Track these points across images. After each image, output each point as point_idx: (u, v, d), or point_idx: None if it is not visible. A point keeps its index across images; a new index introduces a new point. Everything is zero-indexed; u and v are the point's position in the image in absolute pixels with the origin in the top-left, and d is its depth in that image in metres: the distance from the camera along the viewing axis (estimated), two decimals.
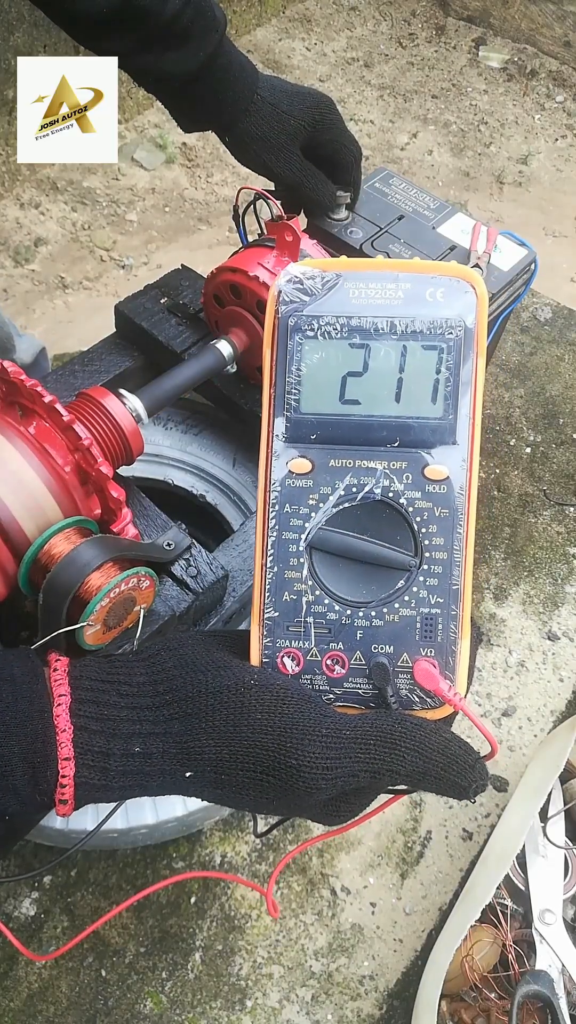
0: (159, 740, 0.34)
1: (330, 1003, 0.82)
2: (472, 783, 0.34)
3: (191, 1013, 0.80)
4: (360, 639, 0.36)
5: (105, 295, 1.52)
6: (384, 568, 0.36)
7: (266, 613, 0.37)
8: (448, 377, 0.36)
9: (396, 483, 0.36)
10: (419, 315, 0.36)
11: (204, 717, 0.34)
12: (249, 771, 0.34)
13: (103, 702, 0.34)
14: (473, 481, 0.36)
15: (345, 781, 0.34)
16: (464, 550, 0.36)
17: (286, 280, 0.37)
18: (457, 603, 0.36)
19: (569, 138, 2.06)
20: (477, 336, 0.36)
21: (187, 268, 0.84)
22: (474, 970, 0.76)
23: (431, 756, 0.34)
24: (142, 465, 0.85)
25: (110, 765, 0.33)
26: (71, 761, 0.33)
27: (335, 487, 0.36)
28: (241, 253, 0.72)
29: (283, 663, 0.37)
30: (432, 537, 0.36)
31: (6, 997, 0.78)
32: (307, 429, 0.37)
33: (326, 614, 0.36)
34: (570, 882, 0.82)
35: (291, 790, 0.33)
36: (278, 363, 0.37)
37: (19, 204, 1.63)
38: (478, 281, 0.36)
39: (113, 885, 0.84)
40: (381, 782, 0.34)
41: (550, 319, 1.42)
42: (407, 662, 0.36)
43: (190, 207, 1.70)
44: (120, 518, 0.57)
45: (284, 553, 0.37)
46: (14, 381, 0.54)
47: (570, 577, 1.13)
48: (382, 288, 0.36)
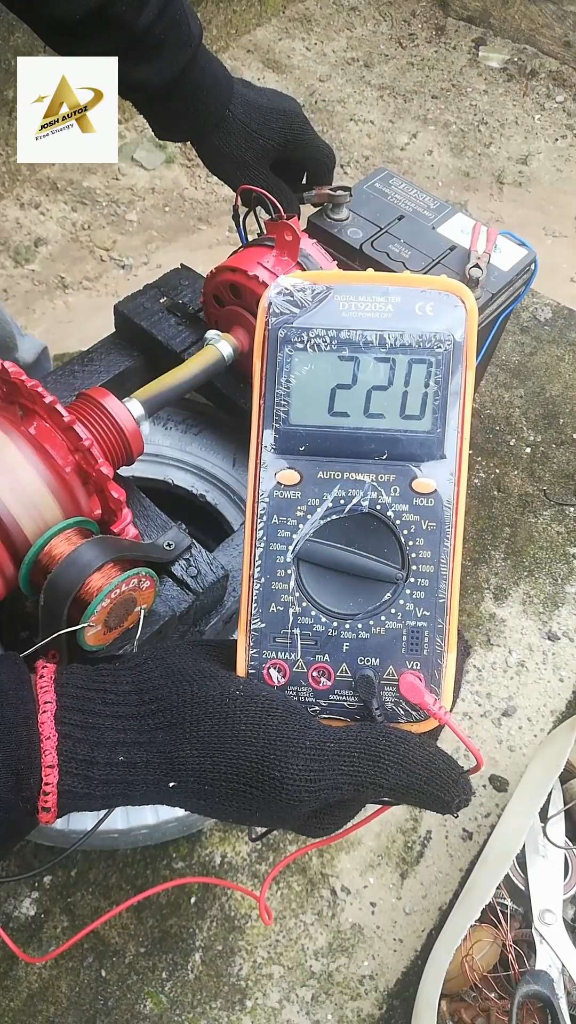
0: (143, 749, 0.34)
1: (330, 1003, 0.82)
2: (455, 798, 0.34)
3: (191, 1013, 0.80)
4: (346, 651, 0.36)
5: (105, 295, 1.52)
6: (371, 581, 0.36)
7: (253, 624, 0.37)
8: (437, 391, 0.36)
9: (384, 496, 0.36)
10: (408, 329, 0.36)
11: (188, 727, 0.34)
12: (232, 782, 0.34)
13: (88, 710, 0.34)
14: (461, 495, 0.36)
15: (328, 794, 0.34)
16: (451, 563, 0.36)
17: (276, 292, 0.37)
18: (444, 616, 0.36)
19: (569, 138, 2.06)
20: (466, 350, 0.36)
21: (187, 268, 0.84)
22: (474, 970, 0.76)
23: (414, 770, 0.34)
24: (142, 465, 0.85)
25: (93, 774, 0.33)
26: (55, 769, 0.33)
27: (323, 499, 0.36)
28: (241, 252, 0.72)
29: (269, 674, 0.37)
30: (419, 550, 0.36)
31: (6, 997, 0.78)
32: (296, 441, 0.37)
33: (312, 626, 0.36)
34: (570, 882, 0.82)
35: (274, 802, 0.34)
36: (267, 375, 0.37)
37: (19, 204, 1.63)
38: (468, 295, 0.36)
39: (113, 885, 0.84)
40: (364, 795, 0.35)
41: (550, 319, 1.42)
42: (393, 675, 0.36)
43: (190, 207, 1.70)
44: (120, 518, 0.57)
45: (271, 564, 0.37)
46: (14, 381, 0.54)
47: (570, 577, 1.13)
48: (372, 301, 0.36)
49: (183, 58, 0.67)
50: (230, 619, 0.67)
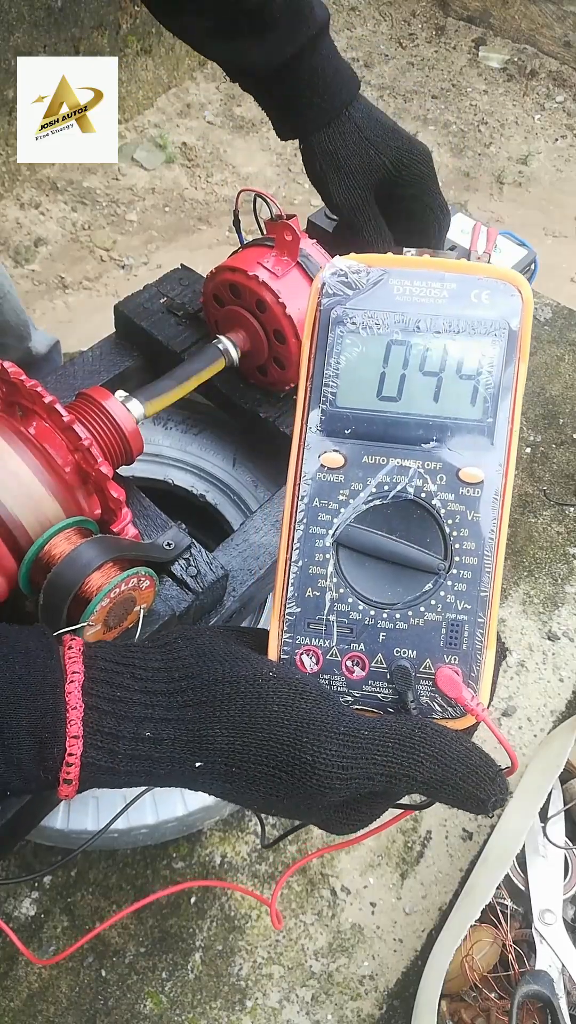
0: (171, 726, 0.33)
1: (330, 1003, 0.82)
2: (491, 796, 0.33)
3: (191, 1013, 0.79)
4: (383, 641, 0.35)
5: (105, 295, 1.52)
6: (412, 570, 0.35)
7: (288, 608, 0.36)
8: (489, 380, 0.35)
9: (429, 483, 0.35)
10: (463, 315, 0.36)
11: (219, 706, 0.33)
12: (262, 764, 0.33)
13: (117, 683, 0.33)
14: (508, 487, 0.35)
15: (360, 784, 0.33)
16: (495, 557, 0.35)
17: (331, 273, 0.36)
18: (485, 611, 0.35)
19: (569, 138, 2.06)
20: (521, 340, 0.35)
21: (187, 268, 0.84)
22: (474, 970, 0.76)
23: (450, 764, 0.33)
24: (142, 465, 0.85)
25: (119, 748, 0.33)
26: (79, 740, 0.32)
27: (367, 484, 0.36)
28: (241, 253, 0.72)
29: (301, 661, 0.36)
30: (463, 541, 0.35)
31: (6, 997, 0.78)
32: (342, 423, 0.36)
33: (349, 613, 0.35)
34: (570, 882, 0.82)
35: (303, 788, 0.33)
36: (317, 355, 0.36)
37: (19, 204, 1.63)
38: (524, 285, 0.36)
39: (113, 885, 0.84)
40: (396, 788, 0.33)
41: (550, 319, 1.42)
42: (430, 668, 0.35)
43: (190, 207, 1.70)
44: (120, 518, 0.57)
45: (310, 548, 0.36)
46: (14, 381, 0.54)
47: (570, 577, 1.13)
48: (427, 286, 0.36)
49: (299, 39, 0.61)
50: (230, 619, 0.67)
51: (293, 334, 0.68)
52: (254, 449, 0.85)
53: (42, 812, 0.60)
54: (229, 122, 1.87)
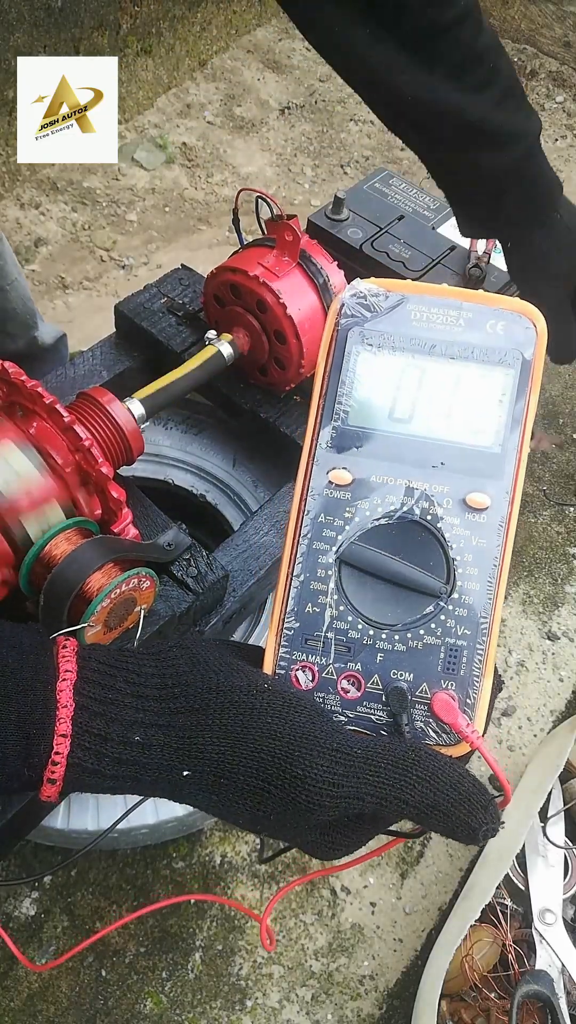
0: (161, 732, 0.33)
1: (330, 1003, 0.82)
2: (483, 824, 0.33)
3: (191, 1013, 0.80)
4: (380, 662, 0.35)
5: (105, 295, 1.52)
6: (413, 592, 0.35)
7: (286, 623, 0.36)
8: (501, 408, 0.36)
9: (436, 506, 0.35)
10: (478, 344, 0.36)
11: (211, 714, 0.33)
12: (251, 777, 0.32)
13: (108, 686, 0.33)
14: (514, 516, 0.35)
15: (349, 803, 0.32)
16: (497, 584, 0.35)
17: (351, 294, 0.37)
18: (484, 638, 0.35)
19: (569, 138, 2.06)
20: (533, 372, 0.36)
21: (187, 268, 0.84)
22: (474, 970, 0.76)
23: (442, 789, 0.32)
24: (142, 465, 0.85)
25: (106, 750, 0.32)
26: (67, 739, 0.32)
27: (373, 502, 0.36)
28: (241, 253, 0.72)
29: (296, 677, 0.36)
30: (467, 566, 0.35)
31: (6, 997, 0.78)
32: (352, 441, 0.37)
33: (348, 631, 0.35)
34: (570, 882, 0.82)
35: (292, 804, 0.32)
36: (332, 372, 0.37)
37: (19, 204, 1.63)
38: (540, 319, 0.36)
39: (113, 885, 0.84)
40: (386, 810, 0.33)
41: None
42: (426, 693, 0.35)
43: (190, 207, 1.70)
44: (120, 518, 0.57)
45: (313, 563, 0.36)
46: (14, 382, 0.54)
47: (570, 577, 1.13)
48: (444, 314, 0.37)
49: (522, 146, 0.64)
50: (230, 619, 0.67)
51: (293, 334, 0.68)
52: (254, 449, 0.85)
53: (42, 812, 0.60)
54: (229, 122, 1.87)
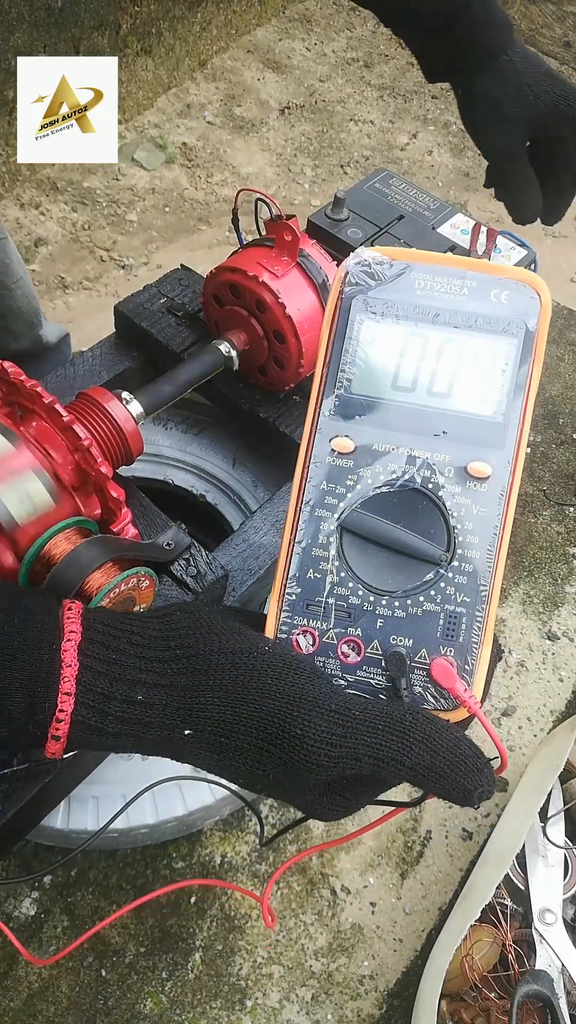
0: (164, 692, 0.33)
1: (330, 1003, 0.82)
2: (478, 787, 0.33)
3: (191, 1013, 0.80)
4: (380, 628, 0.35)
5: (105, 295, 1.52)
6: (414, 559, 0.35)
7: (288, 588, 0.36)
8: (504, 378, 0.36)
9: (437, 475, 0.36)
10: (481, 313, 0.36)
11: (213, 675, 0.33)
12: (251, 736, 0.33)
13: (112, 647, 0.34)
14: (515, 485, 0.35)
15: (347, 764, 0.33)
16: (497, 553, 0.35)
17: (355, 262, 0.37)
18: (484, 606, 0.35)
19: None
20: (537, 342, 0.36)
21: (187, 268, 0.84)
22: (474, 970, 0.76)
23: (439, 752, 0.33)
24: (142, 465, 0.85)
25: (109, 708, 0.33)
26: (71, 697, 0.32)
27: (375, 470, 0.36)
28: (241, 253, 0.72)
29: (297, 641, 0.36)
30: (467, 534, 0.35)
31: (6, 997, 0.78)
32: (355, 409, 0.37)
33: (348, 597, 0.36)
34: (570, 882, 0.82)
35: (290, 763, 0.33)
36: (335, 341, 0.37)
37: (19, 204, 1.63)
38: (544, 289, 0.36)
39: (113, 885, 0.84)
40: (383, 772, 0.33)
41: (550, 319, 1.42)
42: (425, 659, 0.35)
43: (190, 207, 1.70)
44: (120, 518, 0.57)
45: (315, 530, 0.36)
46: (14, 381, 0.54)
47: (570, 577, 1.13)
48: (448, 283, 0.37)
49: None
50: None
51: (293, 334, 0.68)
52: (254, 449, 0.85)
53: (43, 811, 0.60)
54: (229, 122, 1.87)
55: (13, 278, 0.91)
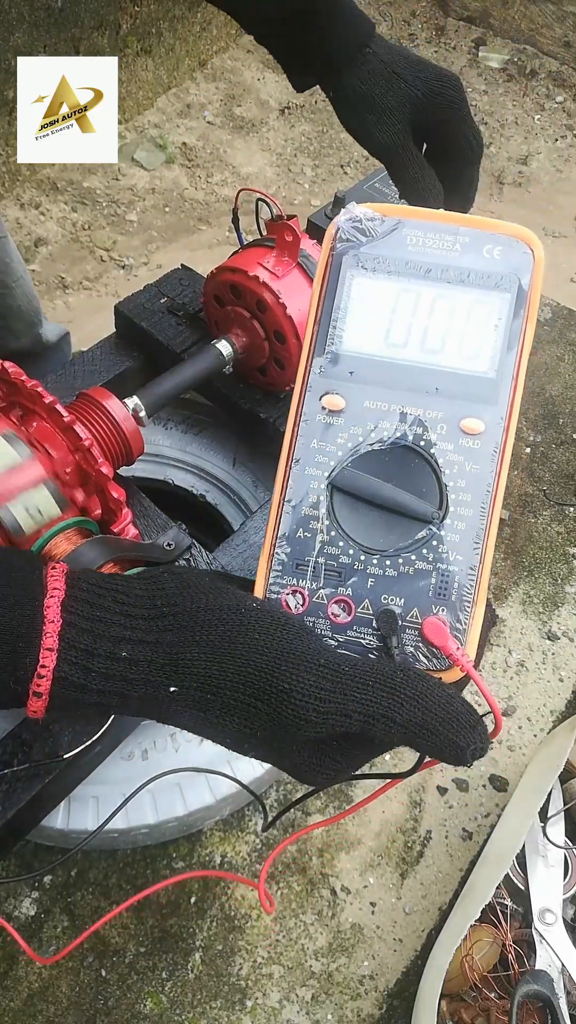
0: (149, 648, 0.33)
1: (330, 1003, 0.82)
2: (470, 743, 0.32)
3: (191, 1013, 0.80)
4: (371, 587, 0.35)
5: (105, 295, 1.52)
6: (405, 518, 0.35)
7: (277, 548, 0.36)
8: (496, 333, 0.35)
9: (429, 432, 0.35)
10: (474, 268, 0.36)
11: (199, 630, 0.33)
12: (237, 692, 0.32)
13: (97, 604, 0.33)
14: (508, 442, 0.35)
15: (336, 720, 0.32)
16: (491, 511, 0.34)
17: (346, 218, 0.37)
18: (476, 565, 0.34)
19: (569, 138, 2.06)
20: (530, 298, 0.36)
21: (187, 268, 0.84)
22: (474, 970, 0.76)
23: (431, 708, 0.32)
24: (142, 465, 0.85)
25: (93, 665, 0.32)
26: (53, 653, 0.32)
27: (366, 428, 0.35)
28: (241, 253, 0.72)
29: (287, 602, 0.35)
30: (459, 492, 0.35)
31: (6, 997, 0.78)
32: (346, 366, 0.36)
33: (339, 556, 0.35)
34: (570, 882, 0.82)
35: (278, 719, 0.32)
36: (326, 298, 0.37)
37: (19, 204, 1.63)
38: (537, 244, 0.36)
39: (113, 885, 0.84)
40: (374, 729, 0.32)
41: (550, 319, 1.42)
42: (416, 618, 0.34)
43: (190, 207, 1.70)
44: (120, 518, 0.57)
45: (305, 488, 0.36)
46: (14, 382, 0.54)
47: (570, 577, 1.13)
48: (440, 239, 0.36)
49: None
50: None
51: (293, 334, 0.68)
52: (254, 449, 0.85)
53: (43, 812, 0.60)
54: (229, 122, 1.87)
55: (13, 277, 0.91)
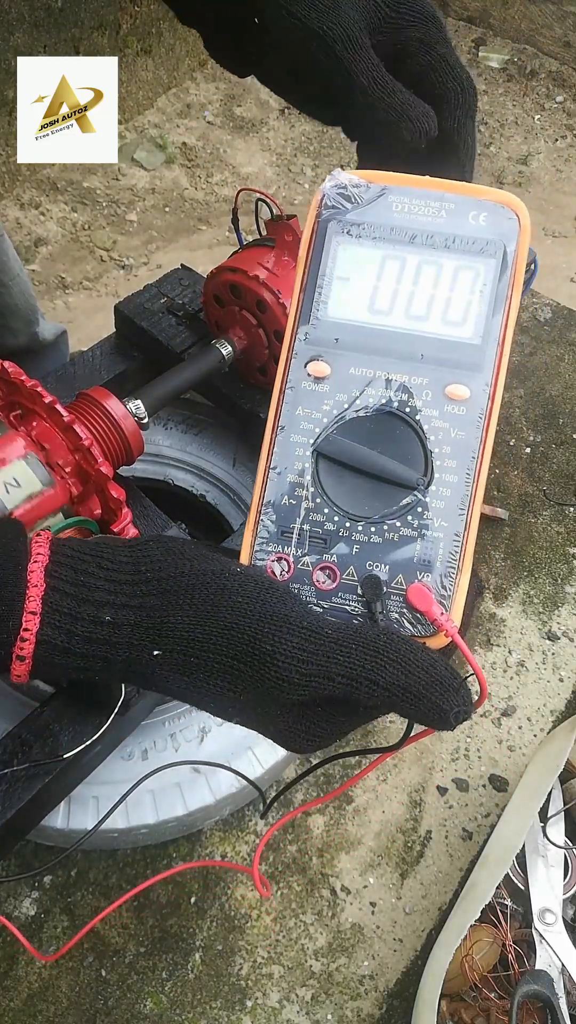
0: (132, 612, 0.33)
1: (330, 1003, 0.82)
2: (454, 707, 0.32)
3: (191, 1013, 0.80)
4: (356, 553, 0.35)
5: (105, 295, 1.52)
6: (390, 484, 0.35)
7: (262, 515, 0.36)
8: (481, 299, 0.35)
9: (415, 398, 0.35)
10: (460, 234, 0.36)
11: (183, 594, 0.33)
12: (221, 654, 0.33)
13: (81, 569, 0.33)
14: (494, 409, 0.35)
15: (319, 683, 0.32)
16: (476, 478, 0.34)
17: (332, 185, 0.37)
18: (462, 532, 0.34)
19: (569, 138, 2.05)
20: (516, 264, 0.36)
21: (187, 268, 0.84)
22: (474, 970, 0.76)
23: (414, 671, 0.32)
24: (142, 465, 0.85)
25: (76, 629, 0.33)
26: (37, 616, 0.32)
27: (352, 395, 0.36)
28: (241, 253, 0.72)
29: (272, 569, 0.35)
30: (444, 458, 0.35)
31: (6, 997, 0.78)
32: (331, 333, 0.36)
33: (324, 523, 0.35)
34: (570, 882, 0.82)
35: (261, 681, 0.32)
36: (311, 265, 0.37)
37: (19, 204, 1.63)
38: (523, 211, 0.36)
39: (113, 885, 0.84)
40: (357, 692, 0.32)
41: (550, 319, 1.42)
42: (401, 584, 0.34)
43: (190, 207, 1.70)
44: (120, 518, 0.57)
45: (290, 455, 0.36)
46: (14, 381, 0.54)
47: (570, 577, 1.13)
48: (426, 205, 0.36)
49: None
50: None
51: None
52: (254, 449, 0.85)
53: (43, 812, 0.60)
54: (229, 122, 1.87)
55: (10, 275, 0.91)
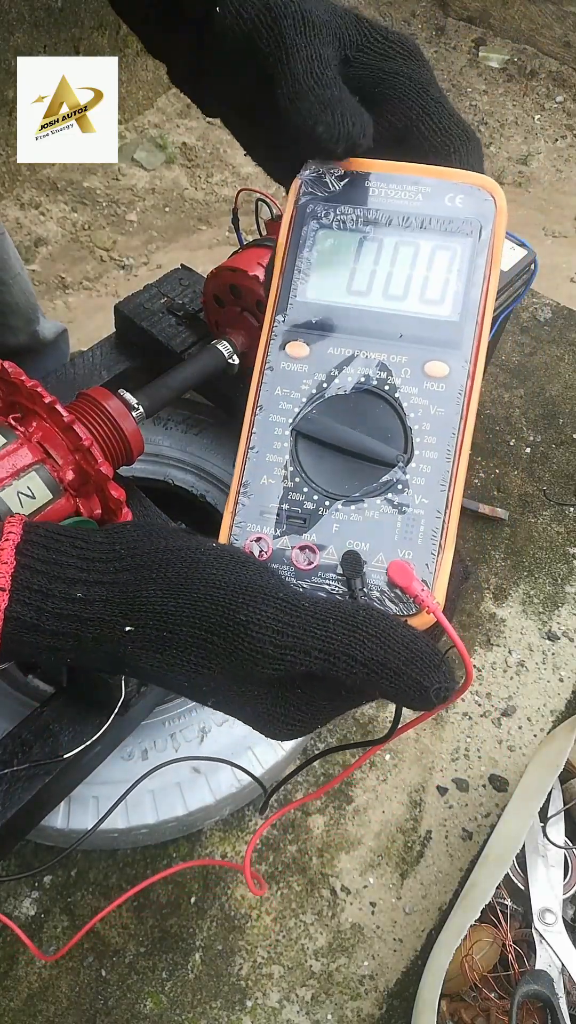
0: (104, 588, 0.33)
1: (330, 1003, 0.82)
2: (434, 684, 0.31)
3: (191, 1013, 0.80)
4: (335, 532, 0.34)
5: (105, 295, 1.52)
6: (370, 462, 0.35)
7: (241, 495, 0.36)
8: (459, 278, 0.36)
9: (393, 376, 0.35)
10: (436, 215, 0.37)
11: (156, 569, 0.33)
12: (194, 627, 0.32)
13: (54, 548, 0.33)
14: (475, 386, 0.35)
15: (295, 657, 0.31)
16: (457, 454, 0.34)
17: (309, 172, 0.38)
18: (443, 509, 0.34)
19: (569, 138, 2.06)
20: (492, 244, 0.36)
21: (187, 268, 0.84)
22: (474, 970, 0.76)
23: (393, 647, 0.31)
24: (142, 465, 0.85)
25: (46, 605, 0.32)
26: (6, 593, 0.32)
27: (330, 374, 0.36)
28: (241, 253, 0.72)
29: (250, 549, 0.35)
30: (425, 435, 0.35)
31: (6, 997, 0.78)
32: (310, 314, 0.37)
33: (303, 503, 0.35)
34: (570, 882, 0.82)
35: (236, 653, 0.32)
36: (290, 249, 0.37)
37: (19, 204, 1.63)
38: (499, 193, 0.37)
39: (113, 885, 0.84)
40: (336, 668, 0.32)
41: (550, 319, 1.42)
42: (382, 562, 0.34)
43: (190, 207, 1.70)
44: (120, 518, 0.57)
45: (268, 435, 0.36)
46: (14, 381, 0.54)
47: (570, 577, 1.13)
48: (402, 189, 0.37)
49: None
50: None
51: None
52: None
53: (43, 812, 0.60)
54: None
55: (11, 273, 0.91)
